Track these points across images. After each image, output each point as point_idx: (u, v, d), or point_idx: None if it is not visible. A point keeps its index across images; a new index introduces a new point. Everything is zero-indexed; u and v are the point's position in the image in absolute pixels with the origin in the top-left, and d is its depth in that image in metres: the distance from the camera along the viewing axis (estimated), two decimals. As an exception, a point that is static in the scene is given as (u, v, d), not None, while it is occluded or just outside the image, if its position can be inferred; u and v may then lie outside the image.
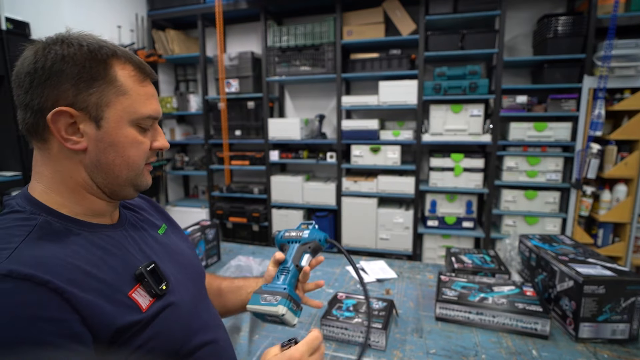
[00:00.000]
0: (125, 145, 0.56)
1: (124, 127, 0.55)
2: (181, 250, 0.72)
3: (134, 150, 0.57)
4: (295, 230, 0.75)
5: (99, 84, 0.52)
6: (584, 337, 0.95)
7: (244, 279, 0.85)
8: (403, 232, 2.83)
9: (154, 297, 0.55)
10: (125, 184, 0.58)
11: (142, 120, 0.57)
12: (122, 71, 0.55)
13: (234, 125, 3.17)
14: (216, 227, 1.50)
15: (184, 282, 0.65)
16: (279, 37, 2.92)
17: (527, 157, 2.54)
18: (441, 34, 2.59)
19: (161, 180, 3.37)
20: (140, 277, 0.55)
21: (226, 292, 0.82)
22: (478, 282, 1.14)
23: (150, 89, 0.59)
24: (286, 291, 0.64)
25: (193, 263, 0.72)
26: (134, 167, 0.58)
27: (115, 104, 0.54)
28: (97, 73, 0.52)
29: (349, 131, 2.86)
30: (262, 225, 3.21)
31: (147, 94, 0.58)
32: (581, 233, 2.49)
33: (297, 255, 0.71)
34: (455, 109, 2.60)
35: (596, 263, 1.02)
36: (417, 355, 0.91)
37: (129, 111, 0.55)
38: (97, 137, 0.54)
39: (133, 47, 3.07)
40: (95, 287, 0.48)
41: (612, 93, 2.40)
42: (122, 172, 0.57)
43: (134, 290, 0.53)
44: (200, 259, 0.83)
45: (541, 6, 2.65)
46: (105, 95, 0.53)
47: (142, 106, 0.56)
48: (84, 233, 0.54)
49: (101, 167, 0.55)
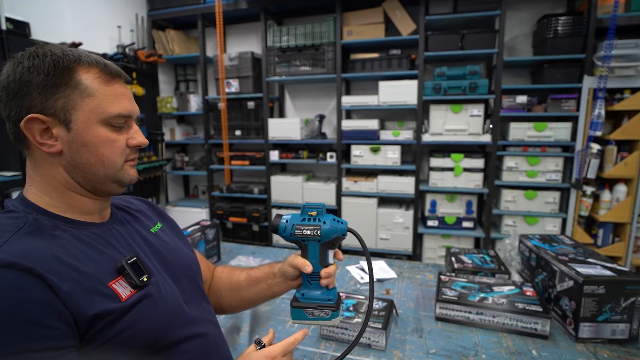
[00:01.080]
0: (98, 145, 0.58)
1: (94, 127, 0.58)
2: (173, 247, 0.73)
3: (107, 149, 0.59)
4: (309, 225, 0.66)
5: (64, 89, 0.56)
6: (584, 337, 0.94)
7: (258, 268, 0.85)
8: (403, 232, 2.83)
9: (135, 288, 0.58)
10: (105, 180, 0.61)
11: (111, 119, 0.59)
12: (87, 74, 0.57)
13: (234, 125, 3.17)
14: (216, 227, 1.51)
15: (170, 277, 0.67)
16: (279, 37, 2.92)
17: (527, 157, 2.54)
18: (441, 34, 2.59)
19: (161, 180, 3.36)
20: (122, 269, 0.58)
21: (245, 285, 0.84)
22: (478, 282, 1.14)
23: (119, 88, 0.61)
24: (332, 303, 0.64)
25: (185, 260, 0.74)
26: (110, 165, 0.60)
27: (82, 106, 0.57)
28: (61, 79, 0.55)
29: (349, 131, 2.86)
30: (262, 225, 3.21)
31: (115, 94, 0.60)
32: (581, 233, 2.49)
33: (323, 257, 0.67)
34: (455, 109, 2.60)
35: (596, 263, 1.02)
36: (417, 355, 0.91)
37: (96, 112, 0.58)
38: (69, 139, 0.57)
39: (133, 47, 3.07)
40: (74, 278, 0.51)
41: (612, 93, 2.40)
42: (98, 170, 0.60)
43: (115, 282, 0.56)
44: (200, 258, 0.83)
45: (541, 6, 2.65)
46: (70, 99, 0.56)
47: (109, 106, 0.58)
48: (70, 230, 0.58)
49: (78, 166, 0.59)
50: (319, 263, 0.66)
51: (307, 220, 0.67)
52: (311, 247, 0.66)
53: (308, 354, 0.93)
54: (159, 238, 0.73)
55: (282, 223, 0.68)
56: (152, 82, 3.29)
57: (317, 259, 0.66)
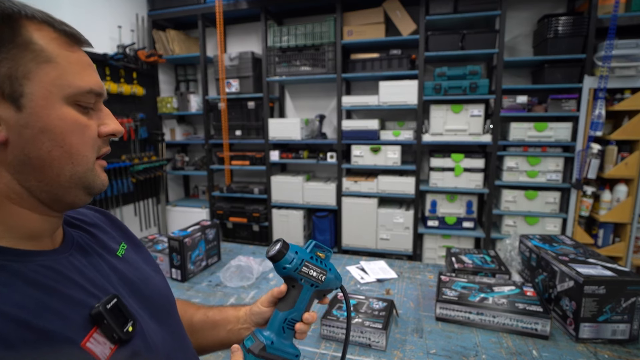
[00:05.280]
0: (64, 131, 0.41)
1: (58, 106, 0.41)
2: (145, 275, 0.56)
3: (76, 137, 0.42)
4: (316, 267, 0.58)
5: (8, 49, 0.38)
6: (584, 338, 0.94)
7: (219, 309, 0.70)
8: (403, 232, 2.83)
9: (116, 343, 0.42)
10: (71, 184, 0.43)
11: (81, 96, 0.43)
12: (39, 32, 0.40)
13: (234, 125, 3.17)
14: (216, 227, 1.51)
15: (151, 318, 0.52)
16: (279, 37, 2.92)
17: (528, 157, 2.54)
18: (441, 34, 2.59)
19: (161, 180, 3.37)
20: (98, 317, 0.41)
21: (199, 328, 0.68)
22: (478, 282, 1.14)
23: (84, 56, 0.45)
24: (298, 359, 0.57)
25: (161, 291, 0.58)
26: (81, 160, 0.43)
27: (40, 75, 0.40)
28: (2, 33, 0.38)
29: (349, 131, 2.86)
30: (262, 226, 3.21)
31: (82, 62, 0.44)
32: (581, 233, 2.49)
33: (309, 305, 0.59)
34: (456, 109, 2.60)
35: (596, 263, 1.02)
36: (417, 355, 0.91)
37: (60, 84, 0.41)
38: (20, 123, 0.39)
39: (133, 47, 3.07)
40: (32, 341, 0.35)
41: (613, 93, 2.40)
42: (64, 167, 0.42)
43: (89, 338, 0.39)
44: (169, 286, 0.63)
45: (541, 6, 2.65)
46: (20, 63, 0.39)
47: (77, 78, 0.42)
48: (11, 266, 0.39)
49: (32, 164, 0.41)
50: (305, 309, 0.58)
51: (315, 260, 0.58)
52: (305, 290, 0.58)
53: (308, 354, 0.93)
54: (129, 264, 0.55)
55: (290, 254, 0.56)
56: (152, 82, 3.30)
57: (304, 305, 0.58)
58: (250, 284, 1.32)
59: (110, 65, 2.77)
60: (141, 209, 3.21)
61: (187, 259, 1.34)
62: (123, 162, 2.79)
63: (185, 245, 1.32)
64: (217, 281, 1.34)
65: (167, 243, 1.40)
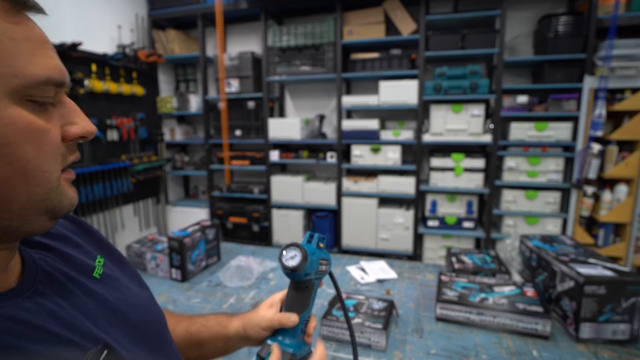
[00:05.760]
0: (13, 142, 0.29)
1: (0, 106, 0.29)
2: (130, 297, 0.46)
3: (31, 148, 0.31)
4: (324, 260, 0.55)
5: None
6: (584, 338, 0.94)
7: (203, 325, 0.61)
8: (403, 232, 2.82)
9: None
10: (29, 211, 0.32)
11: (34, 88, 0.31)
12: None
13: (234, 125, 3.17)
14: (216, 227, 1.50)
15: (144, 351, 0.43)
16: (279, 37, 2.92)
17: (528, 157, 2.54)
18: (441, 33, 2.59)
19: (161, 181, 3.37)
20: None
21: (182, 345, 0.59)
22: (478, 282, 1.14)
23: (35, 29, 0.33)
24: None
25: (150, 313, 0.48)
26: (40, 179, 0.32)
27: None
28: None
29: (349, 131, 2.86)
30: (262, 226, 3.21)
31: (32, 39, 0.31)
32: (582, 233, 2.49)
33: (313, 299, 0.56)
34: (456, 109, 2.59)
35: (597, 263, 1.02)
36: (417, 355, 0.91)
37: (1, 74, 0.29)
38: None
39: (133, 47, 3.06)
40: None
41: (613, 93, 2.39)
42: (16, 191, 0.31)
43: None
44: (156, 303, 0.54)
45: (542, 6, 2.65)
46: None
47: (26, 62, 0.30)
48: None
49: None
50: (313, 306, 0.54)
51: (322, 254, 0.55)
52: (316, 286, 0.54)
53: (308, 354, 0.93)
54: (109, 286, 0.44)
55: (310, 260, 0.50)
56: (152, 82, 3.29)
57: (314, 300, 0.54)
58: (250, 284, 1.32)
59: (110, 65, 2.77)
60: (141, 209, 3.21)
61: (187, 259, 1.34)
62: (123, 162, 2.79)
63: (185, 246, 1.32)
64: (217, 281, 1.34)
65: (167, 243, 1.40)
